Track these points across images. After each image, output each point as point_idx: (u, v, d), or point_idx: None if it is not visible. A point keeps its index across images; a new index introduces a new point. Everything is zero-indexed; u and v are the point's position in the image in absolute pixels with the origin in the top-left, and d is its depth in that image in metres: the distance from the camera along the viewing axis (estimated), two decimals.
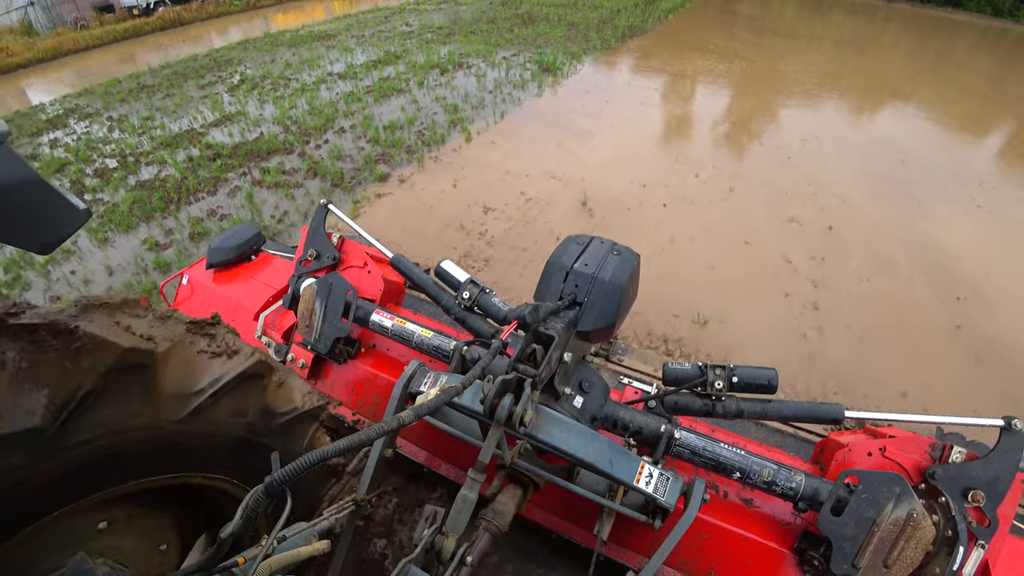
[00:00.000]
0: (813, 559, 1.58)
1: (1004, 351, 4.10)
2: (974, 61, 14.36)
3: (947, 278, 4.85)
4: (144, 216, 6.27)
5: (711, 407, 1.76)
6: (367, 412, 2.20)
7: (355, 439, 1.00)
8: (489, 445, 1.39)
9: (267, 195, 6.53)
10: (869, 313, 4.48)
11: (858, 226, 5.65)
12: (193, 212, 6.38)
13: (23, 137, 8.94)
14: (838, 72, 11.26)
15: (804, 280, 4.80)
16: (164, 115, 9.53)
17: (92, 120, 9.62)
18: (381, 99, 9.25)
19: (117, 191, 6.89)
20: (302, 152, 7.53)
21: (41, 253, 1.27)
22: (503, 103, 8.86)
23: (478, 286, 2.01)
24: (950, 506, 1.47)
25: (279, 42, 14.06)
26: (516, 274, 4.74)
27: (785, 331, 4.24)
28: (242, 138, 8.24)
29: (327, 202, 2.40)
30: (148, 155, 7.92)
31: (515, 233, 5.35)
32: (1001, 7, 20.35)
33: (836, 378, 3.89)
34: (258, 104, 9.64)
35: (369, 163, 7.01)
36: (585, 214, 5.62)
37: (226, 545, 0.98)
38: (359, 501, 1.54)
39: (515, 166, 6.68)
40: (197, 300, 2.54)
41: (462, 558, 1.31)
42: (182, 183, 6.99)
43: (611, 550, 1.79)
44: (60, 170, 7.61)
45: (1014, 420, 1.48)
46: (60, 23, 17.89)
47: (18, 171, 1.17)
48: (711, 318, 4.25)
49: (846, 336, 4.25)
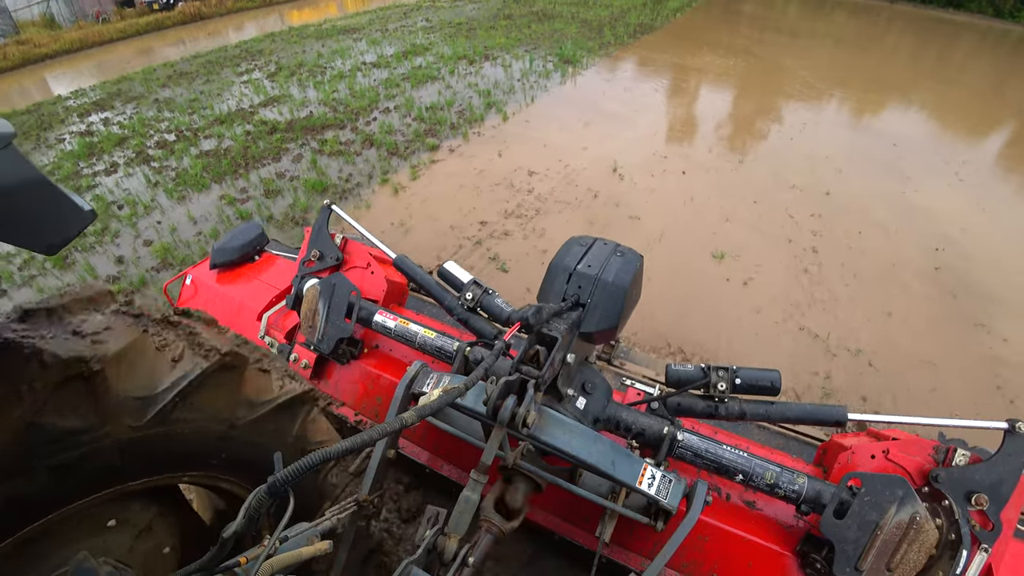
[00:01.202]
0: (816, 562, 1.57)
1: (975, 287, 4.96)
2: (972, 60, 14.69)
3: (928, 233, 5.71)
4: (216, 178, 6.87)
5: (714, 409, 1.75)
6: (370, 413, 2.20)
7: (358, 439, 1.00)
8: (492, 446, 1.39)
9: (329, 161, 7.11)
10: (860, 257, 5.29)
11: (851, 193, 6.49)
12: (262, 175, 6.93)
13: (73, 116, 9.47)
14: (838, 68, 11.89)
15: (805, 231, 5.65)
16: (209, 98, 9.99)
17: (139, 102, 10.12)
18: (418, 85, 9.77)
19: (182, 159, 7.46)
20: (354, 127, 8.10)
21: (47, 254, 1.27)
22: (531, 89, 9.52)
23: (481, 287, 2.01)
24: (953, 509, 1.46)
25: (305, 35, 14.51)
26: (564, 220, 5.62)
27: (789, 266, 5.10)
28: (293, 116, 8.74)
29: (330, 203, 2.40)
30: (204, 130, 8.46)
31: (559, 191, 6.20)
32: (1002, 8, 20.29)
33: (832, 302, 4.72)
34: (300, 88, 10.10)
35: (419, 136, 7.64)
36: (616, 177, 6.54)
37: (228, 545, 0.98)
38: (361, 501, 1.54)
39: (550, 140, 7.47)
40: (201, 300, 2.55)
41: (464, 559, 1.31)
42: (245, 151, 7.56)
43: (613, 552, 1.79)
44: (120, 144, 8.12)
45: (1018, 423, 1.47)
46: (82, 17, 18.22)
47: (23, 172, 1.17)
48: (727, 254, 5.16)
49: (841, 272, 5.07)
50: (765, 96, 9.90)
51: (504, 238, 5.31)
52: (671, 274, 4.83)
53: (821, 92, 10.24)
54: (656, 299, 4.46)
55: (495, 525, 1.44)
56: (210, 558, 1.00)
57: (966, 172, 7.27)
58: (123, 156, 7.78)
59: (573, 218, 5.67)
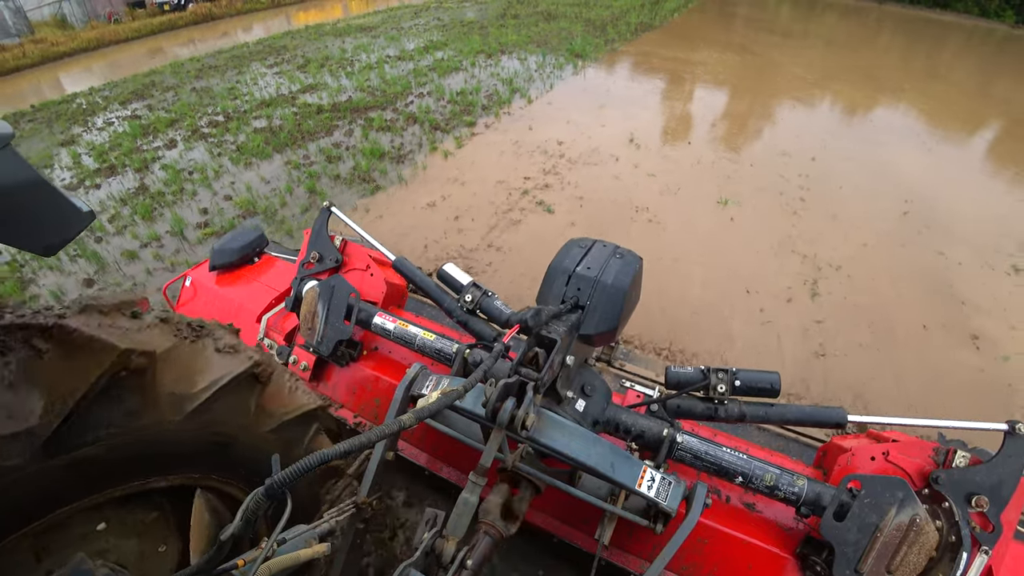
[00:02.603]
0: (815, 564, 1.57)
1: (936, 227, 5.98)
2: (954, 57, 15.51)
3: (898, 190, 6.77)
4: (277, 148, 7.54)
5: (713, 411, 1.75)
6: (368, 415, 2.20)
7: (356, 441, 1.00)
8: (491, 448, 1.39)
9: (379, 135, 7.86)
10: (841, 205, 6.29)
11: (833, 158, 7.58)
12: (319, 145, 7.58)
13: (114, 104, 9.98)
14: (826, 63, 12.91)
15: (794, 186, 6.67)
16: (246, 86, 10.51)
17: (176, 91, 10.54)
18: (444, 74, 10.51)
19: (238, 135, 8.06)
20: (394, 109, 8.87)
21: (45, 255, 1.27)
22: (548, 79, 10.36)
23: (480, 289, 2.01)
24: (953, 511, 1.46)
25: (322, 33, 15.10)
26: (593, 176, 6.57)
27: (781, 210, 6.12)
28: (334, 100, 9.40)
29: (330, 204, 2.40)
30: (252, 112, 9.02)
31: (585, 156, 7.12)
32: (987, 8, 20.67)
33: (817, 236, 5.61)
34: (333, 78, 10.65)
35: (455, 115, 8.48)
36: (632, 147, 7.49)
37: (226, 547, 0.98)
38: (360, 504, 1.54)
39: (572, 119, 8.40)
40: (200, 302, 2.55)
41: (462, 562, 1.30)
42: (298, 127, 8.21)
43: (613, 554, 1.78)
44: (171, 124, 8.67)
45: (1018, 424, 1.46)
46: (94, 17, 18.48)
47: (22, 173, 1.17)
48: (731, 201, 6.17)
49: (824, 214, 6.06)
50: (760, 85, 10.80)
51: (545, 189, 6.28)
52: (687, 217, 5.84)
53: (809, 82, 11.21)
54: (677, 235, 5.49)
55: (494, 527, 1.44)
56: (208, 560, 1.00)
57: (934, 146, 8.47)
58: (179, 134, 8.28)
59: (601, 174, 6.66)
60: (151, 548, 1.32)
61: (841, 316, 4.44)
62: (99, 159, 7.47)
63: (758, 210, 6.03)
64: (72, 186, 6.77)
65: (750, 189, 6.48)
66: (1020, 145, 8.76)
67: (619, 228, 5.55)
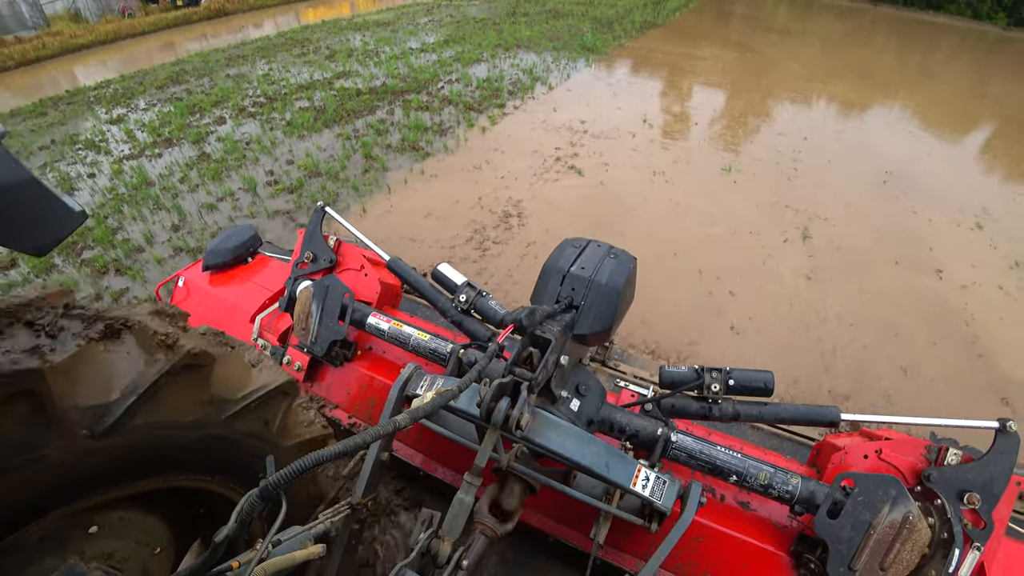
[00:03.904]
0: (810, 562, 1.58)
1: (912, 193, 6.88)
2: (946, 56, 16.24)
3: (882, 164, 7.66)
4: (326, 124, 8.20)
5: (707, 410, 1.76)
6: (363, 415, 2.19)
7: (351, 442, 1.00)
8: (485, 448, 1.39)
9: (418, 114, 8.56)
10: (830, 173, 7.26)
11: (823, 139, 8.51)
12: (366, 121, 8.29)
13: (151, 89, 10.46)
14: (822, 61, 13.71)
15: (788, 159, 7.61)
16: (280, 73, 11.01)
17: (211, 77, 11.04)
18: (467, 65, 11.22)
19: (284, 113, 8.66)
20: (427, 92, 9.59)
21: (36, 255, 1.26)
22: (564, 69, 11.16)
23: (475, 289, 2.01)
24: (946, 508, 1.47)
25: (342, 27, 15.65)
26: (615, 147, 7.53)
27: (776, 176, 7.09)
28: (369, 85, 10.06)
29: (323, 204, 2.40)
30: (292, 94, 9.62)
31: (606, 132, 8.09)
32: (980, 10, 20.93)
33: (807, 196, 6.57)
34: (363, 67, 11.27)
35: (485, 98, 9.29)
36: (646, 126, 8.42)
37: (220, 549, 0.98)
38: (355, 504, 1.53)
39: (591, 102, 9.33)
40: (193, 302, 2.54)
41: (458, 562, 1.30)
42: (341, 106, 8.87)
43: (608, 553, 1.78)
44: (217, 104, 9.26)
45: (1008, 422, 1.48)
46: (108, 11, 18.77)
47: (13, 172, 1.16)
48: (732, 168, 7.15)
49: (814, 180, 7.01)
50: (759, 78, 11.67)
51: (574, 156, 7.22)
52: (697, 179, 6.88)
53: (803, 77, 11.97)
54: (690, 193, 6.45)
55: (489, 527, 1.44)
56: (202, 563, 0.99)
57: (916, 131, 9.36)
58: (225, 112, 8.86)
59: (621, 146, 7.64)
60: (146, 551, 1.31)
61: (827, 253, 5.43)
62: (153, 134, 8.04)
63: (757, 176, 7.05)
64: (134, 155, 7.39)
65: (750, 160, 7.50)
66: (996, 131, 9.86)
67: (640, 186, 6.52)
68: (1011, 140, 9.24)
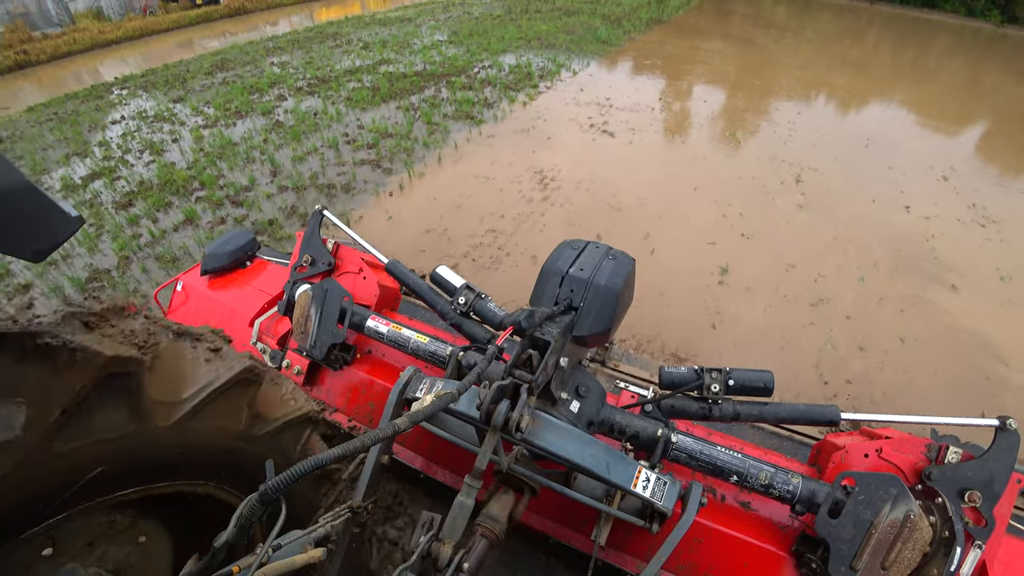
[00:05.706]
0: (811, 562, 1.57)
1: (890, 153, 8.39)
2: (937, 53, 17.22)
3: (865, 132, 9.24)
4: (383, 99, 9.48)
5: (708, 410, 1.76)
6: (363, 418, 2.18)
7: (351, 446, 0.99)
8: (486, 451, 1.39)
9: (463, 92, 9.84)
10: (818, 138, 8.80)
11: (816, 115, 10.13)
12: (419, 98, 9.49)
13: (199, 76, 11.32)
14: (819, 55, 14.88)
15: (783, 128, 9.19)
16: (323, 60, 11.78)
17: (255, 65, 11.94)
18: (495, 54, 12.40)
19: (340, 92, 9.80)
20: (466, 75, 10.84)
21: (33, 261, 1.25)
22: (585, 59, 12.49)
23: (474, 291, 2.01)
24: (947, 507, 1.47)
25: (364, 23, 16.57)
26: (638, 117, 9.16)
27: (773, 140, 8.63)
28: (411, 69, 11.20)
29: (322, 207, 2.39)
30: (341, 77, 10.62)
31: (629, 106, 9.67)
32: (974, 8, 21.29)
33: (800, 152, 8.13)
34: (399, 56, 12.34)
35: (520, 80, 10.70)
36: (663, 103, 9.97)
37: (220, 554, 0.97)
38: (355, 508, 1.53)
39: (612, 85, 10.84)
40: (192, 307, 2.53)
41: (459, 565, 1.30)
42: (392, 86, 10.04)
43: (609, 555, 1.78)
44: (272, 85, 10.31)
45: (1009, 420, 1.48)
46: (130, 9, 19.24)
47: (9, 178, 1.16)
48: (736, 133, 8.73)
49: (805, 143, 8.54)
50: (757, 68, 13.05)
51: (605, 124, 8.82)
52: (708, 140, 8.56)
53: (800, 68, 13.31)
54: (704, 149, 8.13)
55: (490, 530, 1.43)
56: (202, 567, 0.99)
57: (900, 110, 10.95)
58: (283, 91, 9.91)
59: (642, 116, 9.27)
60: (144, 556, 1.31)
61: (817, 192, 7.00)
62: (221, 108, 8.96)
63: (757, 139, 8.70)
64: (208, 125, 8.49)
65: (751, 127, 9.21)
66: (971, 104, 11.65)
67: (661, 146, 8.22)
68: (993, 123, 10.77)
